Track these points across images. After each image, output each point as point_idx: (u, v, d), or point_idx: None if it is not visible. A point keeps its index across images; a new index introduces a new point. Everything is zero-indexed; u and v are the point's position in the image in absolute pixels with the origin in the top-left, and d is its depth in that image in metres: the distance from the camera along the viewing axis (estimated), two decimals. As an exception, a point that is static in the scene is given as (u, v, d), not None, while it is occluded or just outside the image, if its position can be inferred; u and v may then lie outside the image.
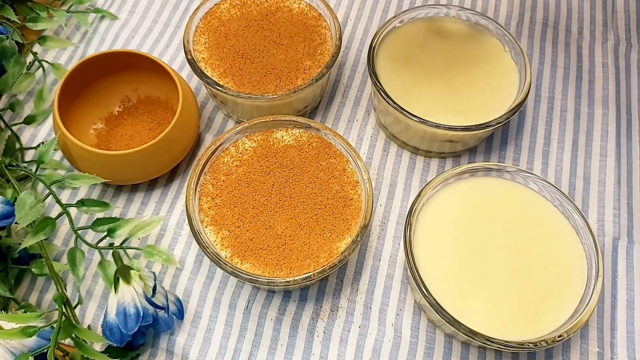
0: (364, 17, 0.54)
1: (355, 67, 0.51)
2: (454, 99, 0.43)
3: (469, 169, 0.39)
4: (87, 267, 0.42)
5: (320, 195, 0.38)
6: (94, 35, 0.53)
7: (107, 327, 0.35)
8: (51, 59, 0.52)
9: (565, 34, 0.53)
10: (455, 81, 0.44)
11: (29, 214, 0.36)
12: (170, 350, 0.39)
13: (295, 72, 0.44)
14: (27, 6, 0.51)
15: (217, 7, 0.47)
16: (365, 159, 0.47)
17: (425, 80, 0.44)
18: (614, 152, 0.46)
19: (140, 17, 0.54)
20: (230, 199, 0.38)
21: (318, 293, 0.41)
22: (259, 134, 0.41)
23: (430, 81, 0.44)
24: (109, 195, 0.45)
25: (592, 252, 0.36)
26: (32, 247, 0.38)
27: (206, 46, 0.45)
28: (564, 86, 0.50)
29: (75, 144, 0.39)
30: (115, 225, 0.38)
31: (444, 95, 0.43)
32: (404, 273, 0.42)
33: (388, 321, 0.40)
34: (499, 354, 0.39)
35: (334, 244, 0.37)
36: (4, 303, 0.38)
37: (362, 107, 0.49)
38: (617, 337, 0.39)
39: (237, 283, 0.41)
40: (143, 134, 0.46)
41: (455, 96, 0.43)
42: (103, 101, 0.47)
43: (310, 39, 0.46)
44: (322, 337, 0.40)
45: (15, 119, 0.49)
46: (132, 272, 0.36)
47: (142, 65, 0.44)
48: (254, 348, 0.39)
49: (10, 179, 0.39)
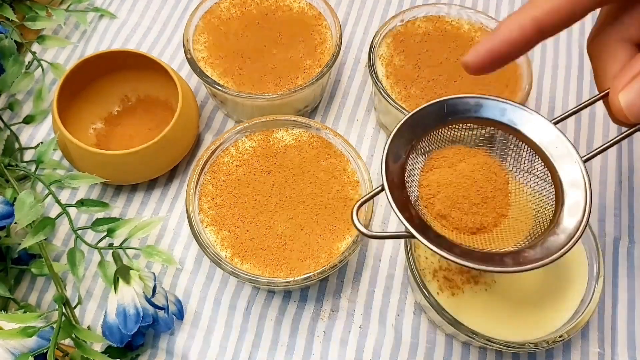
0: (364, 16, 0.54)
1: (355, 67, 0.51)
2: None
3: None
4: (86, 267, 0.42)
5: (321, 196, 0.38)
6: (93, 34, 0.53)
7: (107, 328, 0.35)
8: (50, 58, 0.52)
9: (566, 34, 0.53)
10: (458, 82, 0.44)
11: (29, 214, 0.36)
12: (170, 351, 0.39)
13: (295, 72, 0.44)
14: (26, 5, 0.51)
15: (217, 6, 0.47)
16: (365, 159, 0.46)
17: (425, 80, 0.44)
18: (615, 152, 0.46)
19: (139, 16, 0.54)
20: (230, 199, 0.38)
21: (318, 293, 0.41)
22: (259, 133, 0.41)
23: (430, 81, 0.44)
24: (108, 195, 0.45)
25: (593, 252, 0.36)
26: (31, 247, 0.38)
27: (206, 45, 0.45)
28: (565, 86, 0.50)
29: (74, 144, 0.39)
30: (115, 225, 0.38)
31: (452, 94, 0.43)
32: (405, 273, 0.42)
33: (388, 322, 0.40)
34: (500, 354, 0.39)
35: (334, 244, 0.37)
36: (4, 303, 0.38)
37: (362, 106, 0.49)
38: (618, 337, 0.39)
39: (237, 283, 0.41)
40: (142, 133, 0.46)
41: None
42: (102, 101, 0.47)
43: (311, 38, 0.46)
44: (322, 338, 0.39)
45: (14, 119, 0.48)
46: (132, 272, 0.36)
47: (142, 65, 0.44)
48: (254, 348, 0.39)
49: (10, 179, 0.39)
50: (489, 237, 0.29)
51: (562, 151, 0.29)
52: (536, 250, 0.26)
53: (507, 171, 0.31)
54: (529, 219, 0.30)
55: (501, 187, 0.30)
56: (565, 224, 0.27)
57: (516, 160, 0.31)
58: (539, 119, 0.29)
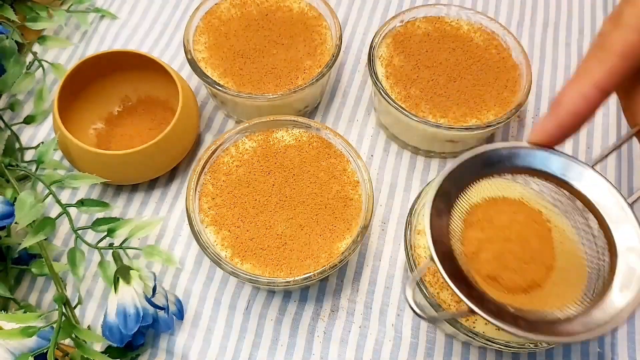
0: (364, 16, 0.54)
1: (355, 67, 0.51)
2: (461, 97, 0.43)
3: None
4: (87, 267, 0.42)
5: (321, 195, 0.38)
6: (94, 35, 0.53)
7: (107, 327, 0.35)
8: (51, 58, 0.52)
9: (566, 34, 0.53)
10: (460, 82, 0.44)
11: (29, 214, 0.36)
12: (170, 351, 0.39)
13: (295, 72, 0.44)
14: (27, 6, 0.51)
15: (217, 7, 0.47)
16: (365, 159, 0.47)
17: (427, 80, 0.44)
18: (615, 151, 0.46)
19: (140, 16, 0.54)
20: (230, 199, 0.38)
21: (318, 293, 0.41)
22: (259, 134, 0.41)
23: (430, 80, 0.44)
24: (108, 195, 0.45)
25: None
26: (31, 247, 0.38)
27: (206, 46, 0.45)
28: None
29: (75, 144, 0.39)
30: (115, 225, 0.38)
31: (452, 94, 0.43)
32: (405, 273, 0.42)
33: (388, 321, 0.40)
34: (500, 354, 0.39)
35: (334, 244, 0.37)
36: (4, 303, 0.38)
37: (362, 107, 0.49)
38: (617, 337, 0.39)
39: (237, 283, 0.41)
40: (143, 133, 0.46)
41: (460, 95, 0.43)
42: (103, 101, 0.47)
43: (311, 38, 0.46)
44: (322, 338, 0.39)
45: (15, 119, 0.49)
46: (132, 272, 0.36)
47: (142, 65, 0.44)
48: (254, 348, 0.39)
49: (10, 179, 0.39)
50: (542, 293, 0.28)
51: (616, 210, 0.27)
52: (603, 310, 0.25)
53: (548, 218, 0.29)
54: (579, 269, 0.28)
55: (546, 237, 0.29)
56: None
57: (564, 211, 0.29)
58: (589, 172, 0.28)
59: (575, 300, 0.27)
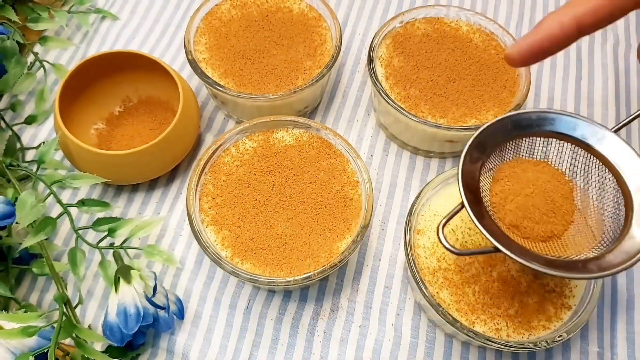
0: (364, 17, 0.55)
1: (355, 67, 0.52)
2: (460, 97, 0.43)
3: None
4: (87, 267, 0.42)
5: (321, 195, 0.38)
6: (95, 35, 0.53)
7: (108, 327, 0.35)
8: (52, 59, 0.52)
9: (565, 35, 0.53)
10: (460, 82, 0.44)
11: (30, 213, 0.36)
12: (170, 350, 0.39)
13: (295, 73, 0.44)
14: (28, 7, 0.51)
15: (218, 8, 0.47)
16: (365, 159, 0.47)
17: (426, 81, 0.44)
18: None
19: (141, 17, 0.55)
20: (230, 199, 0.38)
21: (318, 293, 0.41)
22: (260, 134, 0.41)
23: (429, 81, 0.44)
24: (109, 195, 0.45)
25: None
26: (32, 247, 0.38)
27: (207, 47, 0.45)
28: (563, 87, 0.50)
29: (76, 144, 0.40)
30: (116, 225, 0.38)
31: (451, 94, 0.43)
32: (404, 273, 0.42)
33: (388, 321, 0.40)
34: (499, 353, 0.39)
35: (334, 243, 0.37)
36: (5, 303, 0.38)
37: (362, 107, 0.49)
38: (617, 337, 0.39)
39: (237, 283, 0.41)
40: (144, 134, 0.46)
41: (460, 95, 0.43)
42: (104, 101, 0.47)
43: (311, 39, 0.46)
44: (322, 337, 0.40)
45: (16, 119, 0.49)
46: (133, 272, 0.36)
47: (143, 66, 0.44)
48: (254, 348, 0.39)
49: (11, 179, 0.39)
50: (559, 243, 0.31)
51: (627, 158, 0.30)
52: (616, 255, 0.28)
53: (571, 179, 0.32)
54: (597, 224, 0.31)
55: (567, 195, 0.32)
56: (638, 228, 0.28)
57: (583, 170, 0.32)
58: (611, 136, 0.31)
59: (592, 249, 0.30)
